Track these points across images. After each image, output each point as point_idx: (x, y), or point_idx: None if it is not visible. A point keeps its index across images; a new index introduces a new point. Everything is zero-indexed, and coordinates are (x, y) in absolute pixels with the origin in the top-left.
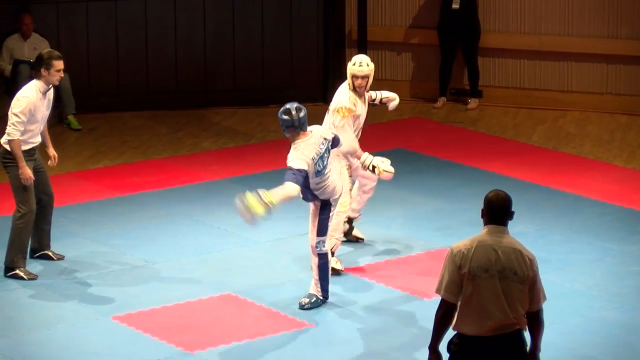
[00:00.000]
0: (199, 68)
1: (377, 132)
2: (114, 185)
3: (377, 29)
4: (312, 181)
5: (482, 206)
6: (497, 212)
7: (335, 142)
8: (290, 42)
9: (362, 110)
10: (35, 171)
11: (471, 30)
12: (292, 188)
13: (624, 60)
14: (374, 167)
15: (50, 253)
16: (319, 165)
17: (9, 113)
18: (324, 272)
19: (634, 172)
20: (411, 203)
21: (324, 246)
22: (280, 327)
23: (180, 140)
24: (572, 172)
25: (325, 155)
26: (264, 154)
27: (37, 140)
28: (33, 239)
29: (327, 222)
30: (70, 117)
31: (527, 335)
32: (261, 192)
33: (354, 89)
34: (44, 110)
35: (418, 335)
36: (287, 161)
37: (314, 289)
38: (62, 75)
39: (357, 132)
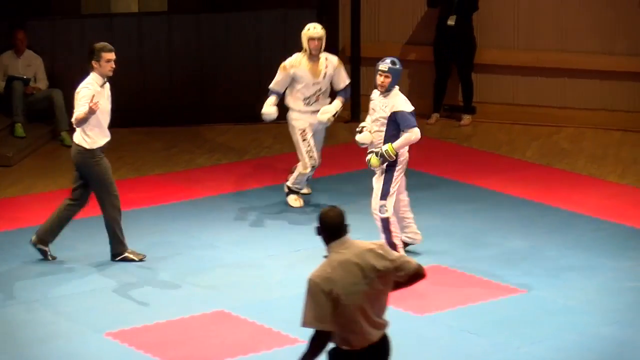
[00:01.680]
0: (194, 84)
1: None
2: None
3: (371, 45)
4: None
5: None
6: (334, 227)
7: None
8: (285, 58)
9: (305, 74)
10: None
11: (466, 46)
12: (417, 132)
13: (619, 76)
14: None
15: (130, 254)
16: None
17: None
18: (389, 233)
19: (627, 188)
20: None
21: (386, 210)
22: (273, 343)
23: (175, 157)
24: (566, 188)
25: None
26: (258, 170)
27: (107, 136)
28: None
29: (390, 185)
30: (64, 134)
31: None
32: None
33: (310, 53)
34: (104, 103)
35: (415, 352)
36: (399, 107)
37: None
38: (114, 66)
39: (308, 95)
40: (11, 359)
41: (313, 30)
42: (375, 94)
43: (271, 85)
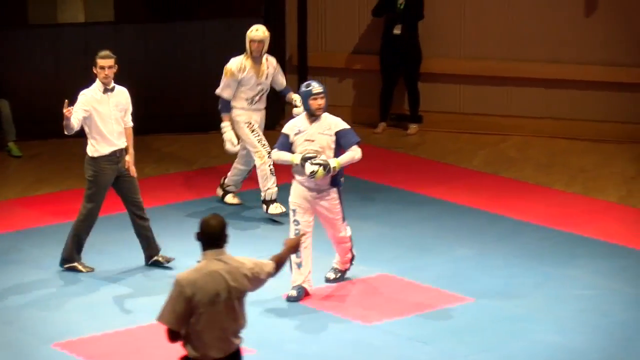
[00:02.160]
0: (140, 94)
1: None
2: (56, 212)
3: (318, 55)
4: None
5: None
6: (213, 237)
7: None
8: None
9: (250, 76)
10: (121, 177)
11: (412, 55)
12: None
13: (564, 84)
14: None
15: (160, 258)
16: None
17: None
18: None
19: (574, 196)
20: (353, 228)
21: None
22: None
23: None
24: (513, 197)
25: None
26: (207, 180)
27: (117, 143)
28: (144, 249)
29: (342, 206)
30: (11, 144)
31: None
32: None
33: (251, 54)
34: (110, 110)
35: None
36: (343, 125)
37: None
38: (107, 73)
39: (252, 95)
40: None
41: (255, 32)
42: (299, 125)
43: (220, 91)
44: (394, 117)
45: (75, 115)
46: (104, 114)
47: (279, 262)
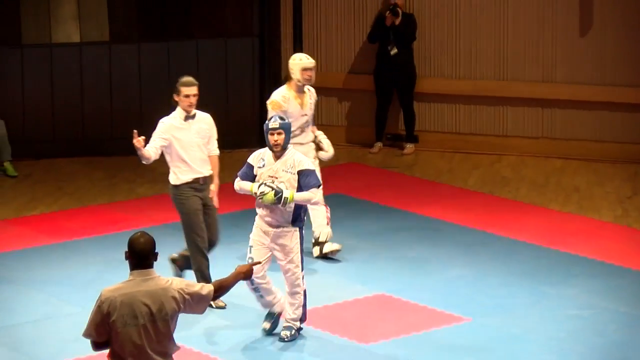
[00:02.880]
0: (134, 113)
1: None
2: (50, 232)
3: None
4: None
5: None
6: (141, 255)
7: None
8: (226, 86)
9: (294, 109)
10: (204, 208)
11: (407, 75)
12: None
13: (559, 104)
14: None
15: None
16: None
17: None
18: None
19: (570, 215)
20: (348, 247)
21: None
22: None
23: (115, 186)
24: (508, 216)
25: None
26: None
27: (200, 170)
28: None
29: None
30: (7, 164)
31: None
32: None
33: (298, 83)
34: (191, 138)
35: None
36: (307, 165)
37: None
38: (192, 101)
39: (294, 128)
40: None
41: (307, 60)
42: (264, 159)
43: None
44: (390, 136)
45: (152, 144)
46: (184, 141)
47: (221, 285)
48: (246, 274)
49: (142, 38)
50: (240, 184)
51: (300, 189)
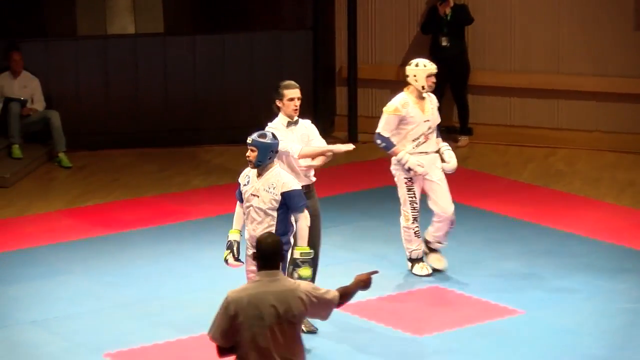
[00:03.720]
0: (188, 106)
1: (367, 170)
2: (103, 223)
3: (367, 67)
4: None
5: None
6: (268, 256)
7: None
8: (280, 79)
9: (415, 113)
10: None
11: (461, 68)
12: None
13: (613, 97)
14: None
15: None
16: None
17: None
18: None
19: (623, 209)
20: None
21: None
22: None
23: (169, 178)
24: (562, 209)
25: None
26: None
27: (304, 178)
28: None
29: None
30: (61, 155)
31: None
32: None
33: (422, 90)
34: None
35: None
36: (290, 186)
37: None
38: (297, 105)
39: (417, 135)
40: None
41: (431, 66)
42: (249, 176)
43: (380, 129)
44: (444, 129)
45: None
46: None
47: (344, 293)
48: (366, 283)
49: (197, 30)
50: (235, 215)
51: (287, 211)
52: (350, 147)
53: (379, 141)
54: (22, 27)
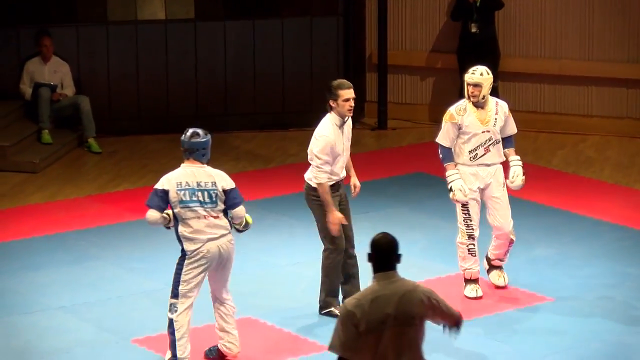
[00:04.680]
0: (219, 91)
1: (396, 156)
2: (133, 209)
3: (397, 53)
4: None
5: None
6: (384, 256)
7: (228, 199)
8: (310, 66)
9: (471, 122)
10: (339, 207)
11: (491, 54)
12: (148, 214)
13: None
14: (450, 189)
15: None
16: (185, 196)
17: (311, 152)
18: (172, 336)
19: None
20: (431, 227)
21: (175, 310)
22: (299, 351)
23: None
24: (592, 197)
25: (199, 197)
26: (284, 178)
27: (342, 174)
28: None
29: (179, 278)
30: (91, 140)
31: None
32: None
33: (469, 98)
34: (343, 142)
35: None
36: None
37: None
38: (352, 105)
39: (474, 146)
40: None
41: (470, 74)
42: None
43: (439, 139)
44: None
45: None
46: (338, 149)
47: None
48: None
49: (228, 16)
50: None
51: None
52: (336, 231)
53: (439, 151)
54: (53, 12)
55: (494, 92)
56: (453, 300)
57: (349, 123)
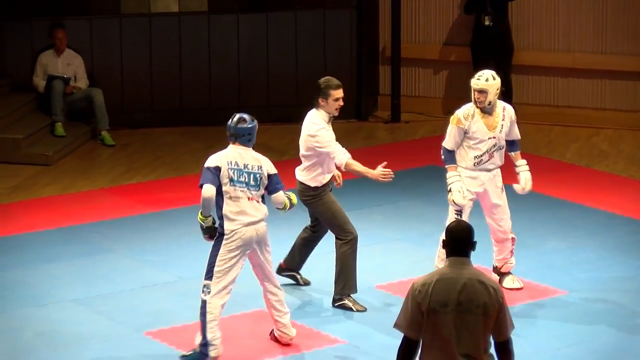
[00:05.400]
0: (232, 84)
1: (409, 149)
2: (147, 201)
3: (411, 46)
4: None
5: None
6: (459, 242)
7: (271, 184)
8: (324, 58)
9: (479, 128)
10: (331, 200)
11: (504, 47)
12: (204, 189)
13: None
14: (449, 190)
15: (297, 275)
16: (234, 175)
17: (307, 149)
18: (204, 318)
19: None
20: (444, 220)
21: (208, 291)
22: (313, 343)
23: None
24: (605, 190)
25: (245, 179)
26: None
27: (330, 171)
28: (292, 254)
29: (215, 259)
30: (104, 133)
31: None
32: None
33: (475, 103)
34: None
35: None
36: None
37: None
38: (341, 104)
39: (480, 153)
40: (48, 358)
41: (476, 79)
42: None
43: (445, 143)
44: None
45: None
46: None
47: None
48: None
49: (241, 8)
50: None
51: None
52: (389, 178)
53: (441, 152)
54: (67, 4)
55: (507, 92)
56: None
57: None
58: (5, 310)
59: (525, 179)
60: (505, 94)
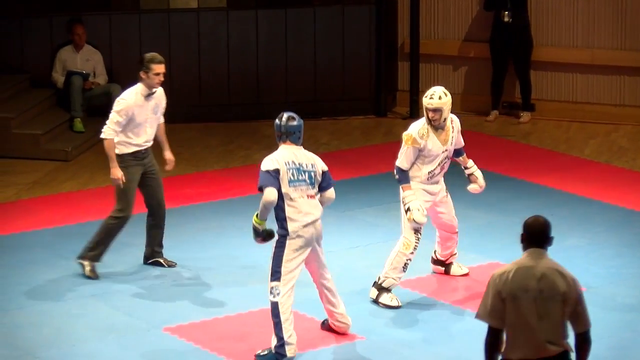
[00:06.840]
0: (251, 80)
1: None
2: (165, 197)
3: (430, 42)
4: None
5: (521, 219)
6: (537, 236)
7: (324, 180)
8: (342, 54)
9: (433, 144)
10: (147, 176)
11: (523, 43)
12: (267, 192)
13: None
14: (408, 209)
15: (161, 260)
16: (293, 175)
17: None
18: (277, 319)
19: None
20: (463, 216)
21: (278, 293)
22: (330, 339)
23: (232, 153)
24: (625, 187)
25: (303, 178)
26: None
27: (145, 143)
28: (146, 246)
29: (280, 260)
30: None
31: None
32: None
33: (429, 123)
34: (147, 114)
35: (467, 348)
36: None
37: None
38: (162, 79)
39: (434, 167)
40: (66, 354)
41: (428, 99)
42: None
43: (400, 163)
44: (506, 105)
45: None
46: (139, 119)
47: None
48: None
49: (260, 4)
50: None
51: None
52: (116, 183)
53: (395, 172)
54: (86, 0)
55: (526, 88)
56: (479, 290)
57: (160, 97)
58: (25, 305)
59: (481, 177)
60: (524, 90)
